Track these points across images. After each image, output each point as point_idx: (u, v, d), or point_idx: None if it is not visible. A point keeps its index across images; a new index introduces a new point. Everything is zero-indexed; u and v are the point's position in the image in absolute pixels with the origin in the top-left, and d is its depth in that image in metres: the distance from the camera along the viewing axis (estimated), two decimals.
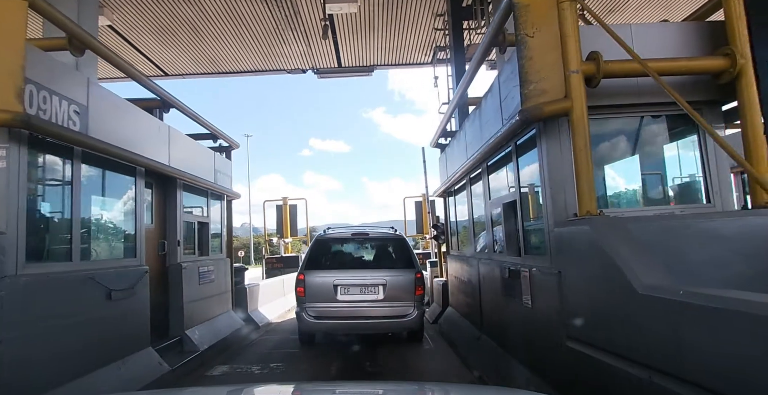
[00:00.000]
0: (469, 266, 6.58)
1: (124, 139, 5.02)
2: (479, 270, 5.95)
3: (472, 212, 6.50)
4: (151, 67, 13.23)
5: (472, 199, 6.48)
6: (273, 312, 10.56)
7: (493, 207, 5.35)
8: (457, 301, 7.68)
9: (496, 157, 5.13)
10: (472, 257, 6.51)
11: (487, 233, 5.65)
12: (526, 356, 4.09)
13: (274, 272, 14.99)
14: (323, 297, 6.42)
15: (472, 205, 6.49)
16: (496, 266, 5.09)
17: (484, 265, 5.74)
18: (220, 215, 8.19)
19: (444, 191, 8.26)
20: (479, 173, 5.91)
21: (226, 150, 8.66)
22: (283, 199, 17.20)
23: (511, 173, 4.63)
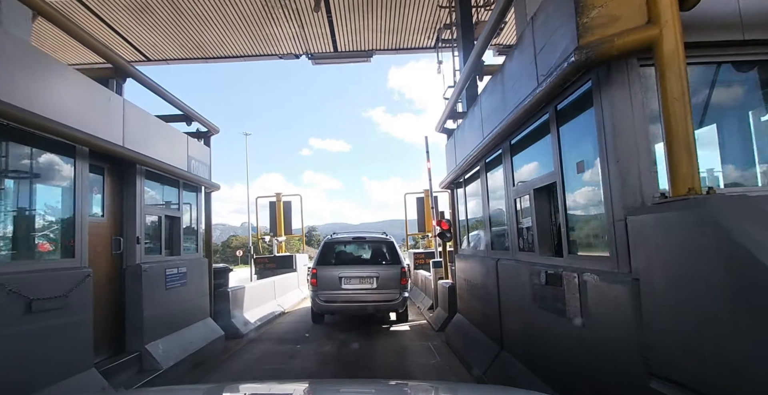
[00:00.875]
0: (483, 268, 5.49)
1: (57, 109, 3.93)
2: (497, 273, 4.86)
3: (487, 203, 5.41)
4: (131, 52, 12.12)
5: (487, 187, 5.38)
6: (261, 317, 9.45)
7: (519, 195, 4.25)
8: (467, 307, 6.59)
9: (523, 131, 4.04)
10: (487, 258, 5.42)
11: (509, 227, 4.56)
12: (576, 392, 2.99)
13: (266, 273, 13.89)
14: (331, 286, 8.14)
15: (487, 195, 5.40)
16: (524, 268, 4.00)
17: (504, 267, 4.65)
18: (196, 208, 7.10)
19: (451, 181, 7.16)
20: (499, 154, 4.81)
21: (204, 136, 7.56)
22: (277, 195, 16.07)
23: (546, 148, 3.54)
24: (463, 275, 6.78)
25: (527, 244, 4.13)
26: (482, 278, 5.55)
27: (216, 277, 8.78)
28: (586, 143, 2.97)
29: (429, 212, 15.98)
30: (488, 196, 5.36)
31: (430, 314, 9.62)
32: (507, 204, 4.59)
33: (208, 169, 7.43)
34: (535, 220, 3.83)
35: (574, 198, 3.17)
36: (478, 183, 5.77)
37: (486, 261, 5.38)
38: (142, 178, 5.52)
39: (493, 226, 5.36)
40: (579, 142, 3.09)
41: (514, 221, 4.40)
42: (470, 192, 6.47)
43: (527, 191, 3.97)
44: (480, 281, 5.67)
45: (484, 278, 5.47)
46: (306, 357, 6.62)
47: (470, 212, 6.55)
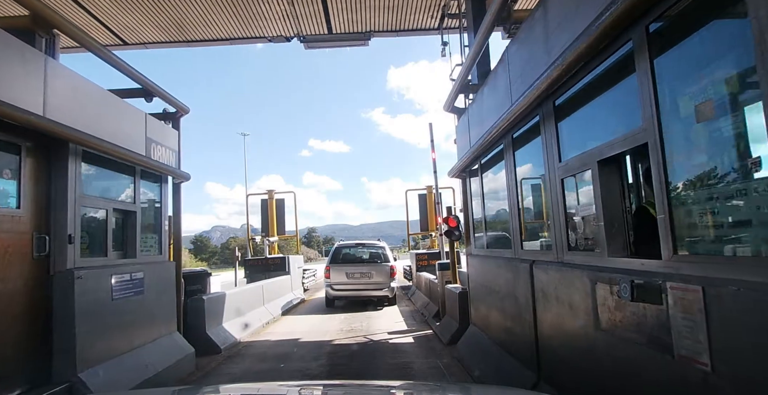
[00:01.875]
0: (509, 273, 4.28)
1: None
2: (532, 280, 3.66)
3: (515, 190, 4.20)
4: (107, 35, 10.91)
5: (515, 169, 4.18)
6: (244, 328, 8.24)
7: (570, 173, 3.05)
8: (485, 319, 5.38)
9: (581, 80, 2.84)
10: (515, 260, 4.21)
11: (552, 218, 3.35)
12: None
13: (257, 276, 12.66)
14: (340, 278, 10.88)
15: (515, 178, 4.19)
16: (579, 275, 2.80)
17: (544, 272, 3.45)
18: (161, 202, 5.90)
19: (463, 168, 5.96)
20: (535, 123, 3.61)
21: (172, 117, 6.36)
22: (269, 192, 14.84)
23: (627, 96, 2.34)
24: (479, 280, 5.57)
25: (584, 241, 2.92)
26: (507, 286, 4.34)
27: (190, 283, 7.59)
28: (719, 67, 1.78)
29: (432, 209, 14.79)
30: (516, 180, 4.16)
31: (436, 323, 8.41)
32: (548, 188, 3.38)
33: (176, 155, 6.23)
34: (601, 206, 2.62)
35: (689, 163, 1.96)
36: (501, 166, 4.56)
37: (513, 265, 4.17)
38: (78, 161, 4.31)
39: (525, 219, 4.15)
40: (703, 68, 1.89)
41: (560, 209, 3.19)
42: (489, 179, 5.27)
43: (586, 165, 2.77)
44: (504, 288, 4.46)
45: (510, 285, 4.26)
46: (290, 378, 5.42)
47: (489, 203, 5.35)
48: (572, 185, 3.07)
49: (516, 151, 4.14)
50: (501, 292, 4.58)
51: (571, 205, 3.12)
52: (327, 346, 7.17)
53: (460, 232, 8.29)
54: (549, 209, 3.41)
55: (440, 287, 8.84)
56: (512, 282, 4.20)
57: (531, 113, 3.57)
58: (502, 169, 4.54)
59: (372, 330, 8.41)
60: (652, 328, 2.10)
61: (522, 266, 3.90)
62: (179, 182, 6.25)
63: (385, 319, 9.60)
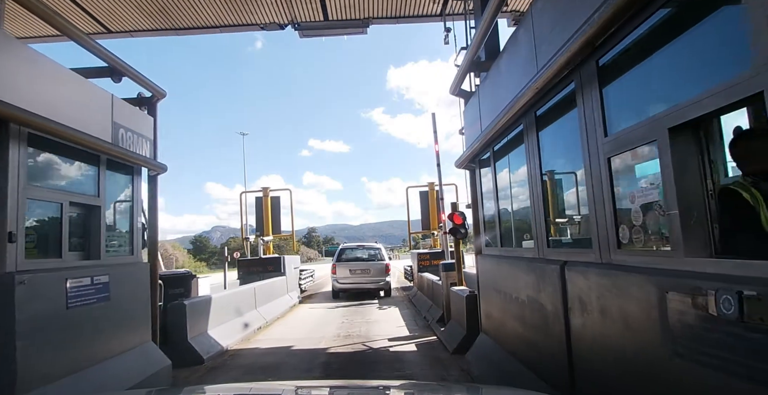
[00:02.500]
0: (531, 276, 3.59)
1: None
2: (564, 286, 2.98)
3: (540, 178, 3.51)
4: (90, 23, 10.20)
5: (539, 152, 3.49)
6: (234, 333, 7.56)
7: (622, 148, 2.36)
8: (499, 327, 4.70)
9: (641, 27, 2.16)
10: (539, 261, 3.53)
11: (594, 208, 2.66)
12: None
13: (251, 278, 11.96)
14: (344, 273, 12.83)
15: (539, 165, 3.50)
16: (643, 281, 2.13)
17: (580, 276, 2.76)
18: (133, 196, 5.21)
19: (473, 158, 5.28)
20: (568, 94, 2.94)
21: (147, 102, 5.68)
22: (264, 190, 14.14)
23: (722, 28, 1.68)
24: (491, 283, 4.89)
25: (644, 236, 2.24)
26: (529, 291, 3.66)
27: (172, 286, 6.92)
28: None
29: (434, 207, 14.13)
30: (540, 166, 3.47)
31: (440, 328, 7.73)
32: (588, 171, 2.69)
33: (152, 144, 5.54)
34: (673, 189, 1.94)
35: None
36: (521, 151, 3.88)
37: (537, 266, 3.49)
38: (23, 145, 3.63)
39: (549, 210, 3.46)
40: None
41: (605, 197, 2.51)
42: (504, 168, 4.58)
43: (649, 136, 2.08)
44: (523, 294, 3.78)
45: (532, 290, 3.58)
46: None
47: (503, 195, 4.66)
48: (624, 163, 2.39)
49: (540, 131, 3.46)
50: (520, 298, 3.90)
51: (621, 190, 2.44)
52: (322, 355, 6.49)
53: (467, 229, 7.62)
54: (587, 197, 2.73)
55: (444, 289, 8.16)
56: (535, 287, 3.52)
57: (563, 81, 2.90)
58: (521, 154, 3.86)
59: (371, 336, 7.74)
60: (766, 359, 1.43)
61: (549, 269, 3.22)
62: (155, 174, 5.57)
63: (385, 324, 8.93)
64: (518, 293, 3.94)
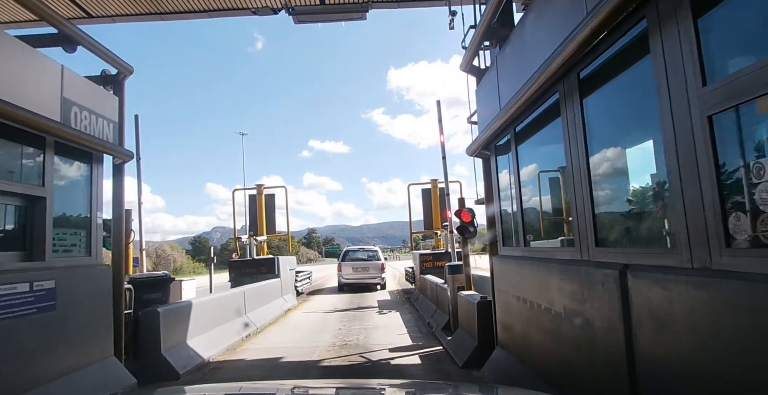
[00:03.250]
0: (572, 282, 2.81)
1: None
2: (626, 296, 2.20)
3: (584, 158, 2.73)
4: (69, 7, 9.45)
5: (583, 127, 2.71)
6: (218, 343, 6.77)
7: (727, 102, 1.59)
8: (522, 343, 3.91)
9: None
10: (584, 263, 2.74)
11: (682, 191, 1.88)
12: None
13: (243, 280, 11.16)
14: (348, 271, 15.43)
15: (583, 141, 2.71)
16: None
17: (658, 285, 1.97)
18: (92, 186, 4.44)
19: (487, 143, 4.51)
20: (637, 37, 2.17)
21: (113, 81, 4.92)
22: (258, 187, 13.34)
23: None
24: (511, 289, 4.10)
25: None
26: (566, 302, 2.88)
27: (147, 290, 6.14)
28: None
29: (437, 205, 13.34)
30: (585, 142, 2.69)
31: (447, 337, 6.94)
32: (672, 135, 1.91)
33: (116, 127, 4.78)
34: None
35: None
36: (553, 129, 3.11)
37: (580, 271, 2.71)
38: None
39: (597, 199, 2.68)
40: None
41: (705, 170, 1.73)
42: (529, 152, 3.80)
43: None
44: (559, 305, 3.00)
45: (571, 301, 2.80)
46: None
47: (527, 184, 3.88)
48: (736, 121, 1.62)
49: (586, 98, 2.68)
50: (552, 309, 3.12)
51: (728, 160, 1.66)
52: (314, 369, 5.71)
53: (476, 228, 6.86)
54: (669, 175, 1.95)
55: (451, 293, 7.38)
56: (576, 296, 2.74)
57: (627, 19, 2.12)
58: (555, 131, 3.08)
59: (370, 346, 6.95)
60: None
61: (600, 275, 2.44)
62: (120, 162, 4.80)
63: (386, 331, 8.14)
64: (549, 302, 3.16)
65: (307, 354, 6.57)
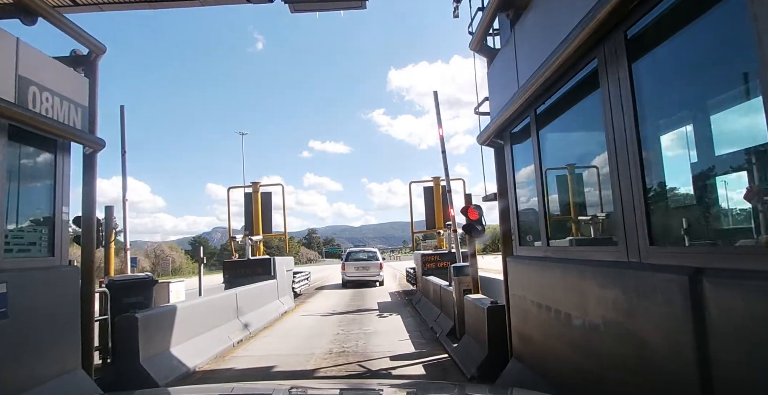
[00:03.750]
0: (614, 289, 2.27)
1: None
2: (699, 309, 1.68)
3: (632, 138, 2.19)
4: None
5: (633, 101, 2.17)
6: (206, 350, 6.25)
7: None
8: (545, 357, 3.38)
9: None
10: (632, 266, 2.21)
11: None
12: None
13: (238, 281, 10.63)
14: (351, 270, 17.72)
15: (632, 115, 2.18)
16: None
17: (756, 295, 1.47)
18: (55, 178, 3.92)
19: (501, 129, 3.99)
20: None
21: (84, 61, 4.42)
22: (253, 185, 12.82)
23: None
24: (530, 294, 3.58)
25: None
26: (607, 312, 2.35)
27: (127, 294, 5.63)
28: None
29: (440, 203, 12.81)
30: (635, 116, 2.16)
31: (452, 343, 6.41)
32: None
33: (86, 113, 4.27)
34: None
35: None
36: (591, 102, 2.59)
37: (627, 276, 2.18)
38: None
39: (654, 186, 2.15)
40: None
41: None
42: (555, 137, 3.29)
43: None
44: (597, 316, 2.47)
45: (615, 312, 2.27)
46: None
47: (551, 174, 3.36)
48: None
49: (637, 61, 2.16)
50: (587, 321, 2.59)
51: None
52: (308, 380, 5.19)
53: (484, 226, 6.36)
54: None
55: (456, 296, 6.86)
56: (622, 307, 2.22)
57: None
58: (589, 110, 2.58)
59: (369, 353, 6.43)
60: None
61: (659, 280, 1.93)
62: (92, 151, 4.29)
63: (386, 336, 7.62)
64: (582, 312, 2.64)
65: (302, 362, 6.05)
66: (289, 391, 1.92)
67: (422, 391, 2.00)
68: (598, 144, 2.62)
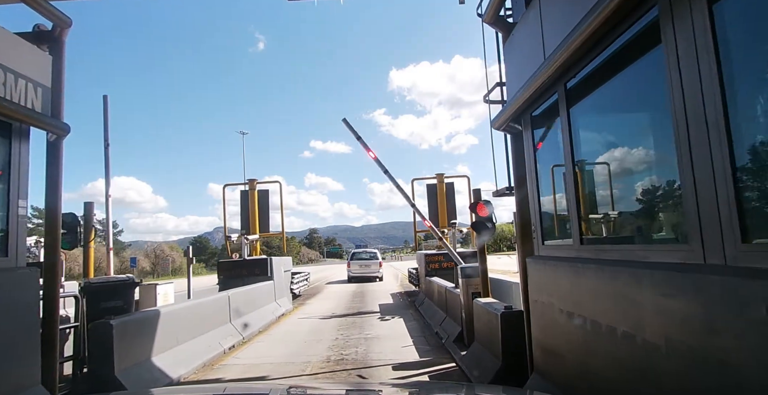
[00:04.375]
0: (685, 301, 1.76)
1: None
2: None
3: (718, 99, 1.68)
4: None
5: (716, 50, 1.66)
6: (194, 358, 5.73)
7: None
8: (575, 374, 2.85)
9: None
10: (711, 271, 1.69)
11: None
12: None
13: (233, 282, 10.13)
14: (355, 268, 21.65)
15: (719, 72, 1.67)
16: None
17: None
18: (10, 166, 3.42)
19: (518, 112, 3.47)
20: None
21: (48, 38, 3.90)
22: (250, 182, 12.29)
23: None
24: (559, 302, 3.05)
25: None
26: (675, 332, 1.83)
27: (104, 298, 5.13)
28: None
29: (444, 201, 12.30)
30: (720, 76, 1.64)
31: (460, 351, 5.89)
32: None
33: (47, 94, 3.76)
34: None
35: None
36: (640, 71, 2.07)
37: (706, 283, 1.66)
38: None
39: (746, 166, 1.64)
40: None
41: None
42: (586, 116, 2.77)
43: None
44: (659, 336, 1.94)
45: (691, 333, 1.74)
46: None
47: (585, 159, 2.84)
48: None
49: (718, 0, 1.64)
50: (642, 337, 2.07)
51: None
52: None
53: (494, 223, 5.84)
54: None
55: (464, 299, 6.35)
56: (696, 322, 1.70)
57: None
58: (638, 79, 2.05)
59: (370, 361, 5.92)
60: None
61: (754, 291, 1.41)
62: (56, 137, 3.78)
63: (388, 342, 7.10)
64: (634, 326, 2.12)
65: (297, 371, 5.55)
66: (288, 391, 1.85)
67: (423, 391, 1.87)
68: (653, 119, 2.10)
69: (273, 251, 47.61)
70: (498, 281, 8.25)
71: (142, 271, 43.12)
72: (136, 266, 38.63)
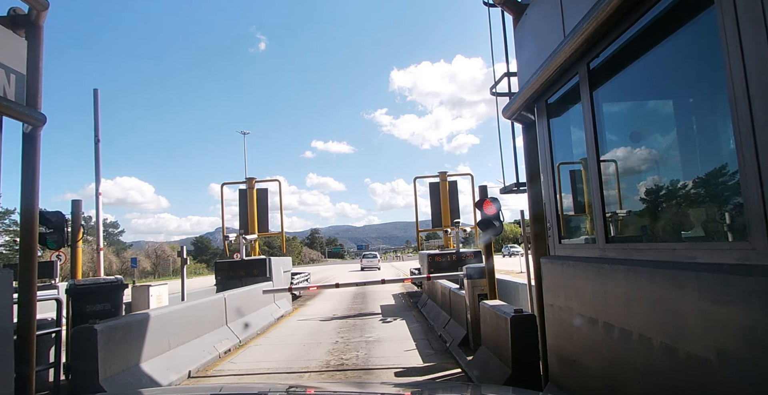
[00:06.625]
0: (746, 309, 1.47)
1: None
2: None
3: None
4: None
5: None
6: (186, 363, 5.45)
7: None
8: (601, 388, 2.56)
9: None
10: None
11: None
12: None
13: (231, 283, 9.85)
14: (365, 262, 40.53)
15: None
16: None
17: None
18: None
19: (535, 97, 3.18)
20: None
21: (24, 22, 3.62)
22: (248, 181, 12.01)
23: None
24: (580, 307, 2.75)
25: None
26: (730, 346, 1.54)
27: (89, 301, 4.85)
28: None
29: (447, 200, 12.00)
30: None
31: (466, 356, 5.59)
32: None
33: (22, 81, 3.48)
34: None
35: None
36: (690, 37, 1.78)
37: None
38: None
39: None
40: None
41: None
42: (615, 100, 2.48)
43: None
44: (709, 349, 1.64)
45: (751, 347, 1.47)
46: None
47: (611, 148, 2.54)
48: None
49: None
50: (685, 350, 1.78)
51: None
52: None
53: (501, 222, 5.54)
54: None
55: (470, 301, 6.05)
56: (759, 335, 1.40)
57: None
58: (679, 54, 1.75)
59: (372, 365, 5.62)
60: None
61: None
62: (32, 128, 3.49)
63: (390, 345, 6.80)
64: (675, 338, 1.83)
65: (294, 378, 5.27)
66: (287, 391, 1.84)
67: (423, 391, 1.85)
68: (700, 97, 1.80)
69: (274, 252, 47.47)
70: (504, 281, 7.96)
71: (143, 271, 42.92)
72: (136, 267, 38.42)
